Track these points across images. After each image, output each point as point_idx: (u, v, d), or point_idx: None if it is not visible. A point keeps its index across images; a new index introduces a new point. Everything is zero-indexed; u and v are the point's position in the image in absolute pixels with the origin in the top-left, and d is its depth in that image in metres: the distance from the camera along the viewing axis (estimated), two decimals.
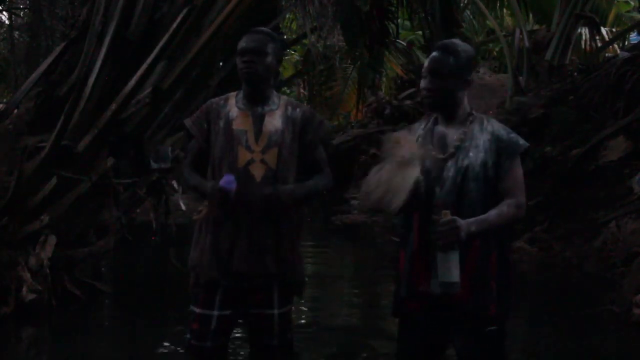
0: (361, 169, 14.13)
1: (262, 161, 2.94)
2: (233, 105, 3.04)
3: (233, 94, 3.11)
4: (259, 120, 3.00)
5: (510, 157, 2.61)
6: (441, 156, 2.63)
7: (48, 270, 5.21)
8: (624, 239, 6.60)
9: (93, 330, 5.20)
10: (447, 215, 2.45)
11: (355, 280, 7.37)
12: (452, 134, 2.66)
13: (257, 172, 2.92)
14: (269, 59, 2.98)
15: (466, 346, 2.63)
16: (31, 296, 5.06)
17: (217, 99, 3.13)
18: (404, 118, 14.30)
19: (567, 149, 8.98)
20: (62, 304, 5.29)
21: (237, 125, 2.99)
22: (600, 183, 7.96)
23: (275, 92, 3.10)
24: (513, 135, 2.66)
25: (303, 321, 5.47)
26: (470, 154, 2.61)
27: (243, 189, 2.87)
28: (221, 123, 3.01)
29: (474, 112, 2.72)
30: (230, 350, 3.40)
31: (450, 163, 2.62)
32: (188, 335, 3.07)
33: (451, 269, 2.46)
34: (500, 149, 2.61)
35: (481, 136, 2.64)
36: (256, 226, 2.94)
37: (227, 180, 2.84)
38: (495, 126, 2.67)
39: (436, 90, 2.64)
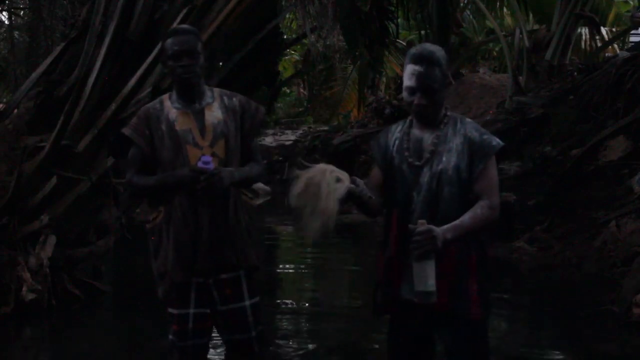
0: (361, 169, 14.15)
1: (213, 154, 2.98)
2: (170, 107, 3.06)
3: (166, 96, 3.13)
4: (199, 116, 3.03)
5: (483, 159, 2.58)
6: (417, 163, 2.63)
7: (48, 270, 5.22)
8: (624, 239, 6.59)
9: (93, 330, 5.20)
10: (423, 225, 2.44)
11: (354, 278, 7.38)
12: (427, 138, 2.64)
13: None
14: (201, 57, 3.03)
15: (450, 338, 2.66)
16: (31, 296, 5.06)
17: (151, 103, 3.14)
18: (403, 118, 14.27)
19: (567, 149, 8.98)
20: (62, 304, 5.29)
21: (180, 126, 3.01)
22: (600, 183, 7.96)
23: (207, 86, 3.13)
24: (486, 136, 2.63)
25: (302, 316, 5.50)
26: (444, 158, 2.60)
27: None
28: (163, 127, 3.02)
29: (448, 112, 2.69)
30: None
31: (425, 168, 2.61)
32: (171, 337, 3.08)
33: (427, 278, 2.45)
34: (472, 152, 2.59)
35: (454, 139, 2.61)
36: (214, 221, 2.97)
37: (205, 161, 2.89)
38: (468, 128, 2.64)
39: (431, 106, 2.61)
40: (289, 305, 5.80)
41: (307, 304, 5.97)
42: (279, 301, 5.87)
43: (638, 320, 4.94)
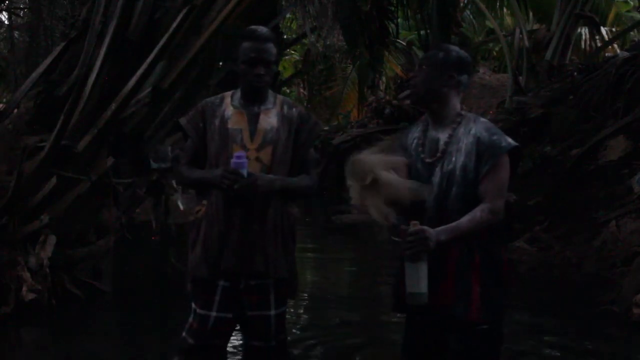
0: None
1: (257, 159, 2.96)
2: (228, 105, 3.06)
3: (229, 93, 3.12)
4: (254, 119, 3.02)
5: (490, 160, 2.56)
6: (429, 160, 2.64)
7: (48, 270, 5.21)
8: (624, 239, 6.60)
9: (93, 330, 5.19)
10: (415, 225, 2.44)
11: (355, 278, 7.41)
12: (442, 138, 2.65)
13: (252, 169, 2.91)
14: (275, 66, 3.03)
15: (456, 345, 2.62)
16: (31, 296, 5.06)
17: (212, 98, 3.14)
18: (403, 118, 14.30)
19: (567, 148, 8.98)
20: (62, 304, 5.29)
21: (232, 124, 3.01)
22: (600, 183, 7.96)
23: (271, 91, 3.11)
24: (496, 137, 2.60)
25: (301, 319, 5.50)
26: (453, 158, 2.59)
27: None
28: (217, 122, 3.02)
29: (463, 112, 2.69)
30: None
31: (437, 168, 2.61)
32: (184, 334, 3.06)
33: (419, 280, 2.45)
34: (480, 152, 2.57)
35: (465, 139, 2.61)
36: (247, 225, 2.95)
37: (239, 155, 2.86)
38: (479, 128, 2.62)
39: (418, 80, 2.66)
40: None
41: (306, 293, 6.05)
42: None
43: (638, 320, 4.95)
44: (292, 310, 5.50)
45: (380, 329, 5.15)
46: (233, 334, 3.20)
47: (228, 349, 3.22)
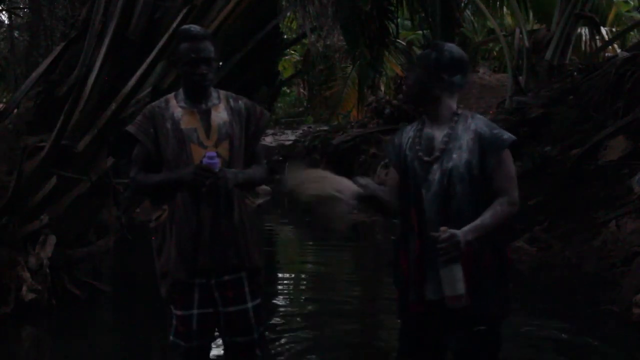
0: (361, 168, 14.16)
1: (217, 155, 2.97)
2: (175, 106, 3.06)
3: (171, 95, 3.13)
4: (205, 116, 3.04)
5: (495, 154, 2.58)
6: (427, 158, 2.63)
7: (48, 270, 5.21)
8: (624, 238, 6.59)
9: (93, 330, 5.20)
10: (445, 231, 2.45)
11: (354, 278, 7.42)
12: (439, 136, 2.64)
13: None
14: (215, 63, 3.05)
15: (460, 344, 2.63)
16: (31, 296, 5.06)
17: (156, 102, 3.14)
18: (403, 118, 14.30)
19: (567, 148, 8.98)
20: (62, 304, 5.30)
21: (185, 124, 3.01)
22: (600, 183, 7.95)
23: (212, 88, 3.13)
24: (497, 131, 2.62)
25: (301, 318, 5.51)
26: (454, 155, 2.59)
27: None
28: (168, 125, 3.02)
29: (459, 111, 2.69)
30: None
31: (435, 166, 2.61)
32: (173, 338, 3.08)
33: (456, 283, 2.47)
34: (483, 147, 2.58)
35: (465, 136, 2.61)
36: (216, 221, 2.97)
37: (210, 156, 2.89)
38: (478, 124, 2.64)
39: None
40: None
41: (306, 281, 6.29)
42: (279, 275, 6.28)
43: (638, 320, 4.94)
44: (293, 292, 5.62)
45: (376, 310, 5.26)
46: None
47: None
